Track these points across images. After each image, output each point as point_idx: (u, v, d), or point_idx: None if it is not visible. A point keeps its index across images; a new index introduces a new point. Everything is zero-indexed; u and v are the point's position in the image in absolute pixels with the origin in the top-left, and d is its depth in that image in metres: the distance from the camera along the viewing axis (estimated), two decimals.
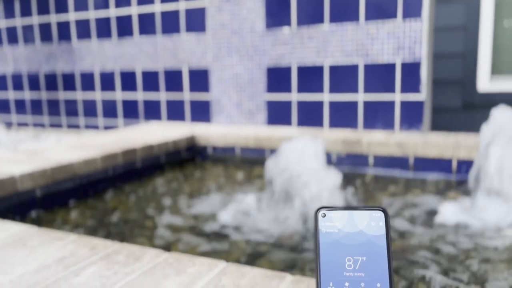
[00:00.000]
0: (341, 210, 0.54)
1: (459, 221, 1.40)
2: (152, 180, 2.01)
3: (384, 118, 2.26)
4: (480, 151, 1.52)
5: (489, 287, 1.01)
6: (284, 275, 0.75)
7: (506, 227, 1.34)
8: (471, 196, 1.55)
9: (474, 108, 2.23)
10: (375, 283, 0.51)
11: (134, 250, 0.87)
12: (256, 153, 2.27)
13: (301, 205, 1.45)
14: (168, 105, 2.84)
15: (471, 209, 1.47)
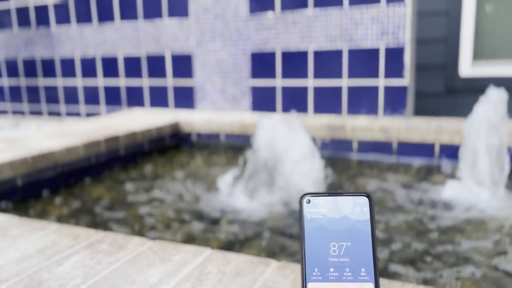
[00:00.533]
0: (325, 196, 0.54)
1: (439, 202, 1.42)
2: (136, 168, 1.99)
3: (368, 103, 2.26)
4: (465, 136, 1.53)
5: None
6: (270, 261, 0.75)
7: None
8: (453, 179, 1.58)
9: (456, 93, 2.25)
10: (359, 268, 0.52)
11: (117, 239, 0.86)
12: (241, 140, 2.26)
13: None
14: (151, 91, 2.80)
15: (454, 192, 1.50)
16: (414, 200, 1.49)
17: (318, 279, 0.52)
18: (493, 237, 1.19)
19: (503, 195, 1.45)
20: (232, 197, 1.52)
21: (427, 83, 2.30)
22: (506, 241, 1.16)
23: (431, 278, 0.99)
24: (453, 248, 1.13)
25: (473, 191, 1.47)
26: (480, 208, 1.39)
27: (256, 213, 1.40)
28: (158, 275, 0.72)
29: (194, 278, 0.70)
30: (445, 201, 1.45)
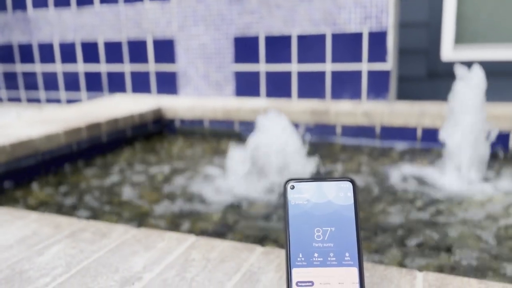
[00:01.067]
0: (309, 181, 0.54)
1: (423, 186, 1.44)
2: (118, 155, 1.96)
3: (351, 88, 2.27)
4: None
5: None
6: (254, 247, 0.75)
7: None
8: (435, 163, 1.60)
9: (438, 77, 2.27)
10: (343, 253, 0.52)
11: (100, 227, 0.85)
12: (225, 125, 2.25)
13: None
14: (133, 77, 2.76)
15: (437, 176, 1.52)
16: (395, 183, 1.51)
17: (303, 264, 0.52)
18: (469, 220, 1.21)
19: (482, 178, 1.48)
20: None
21: (409, 67, 2.31)
22: (483, 224, 1.19)
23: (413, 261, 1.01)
24: (430, 232, 1.15)
25: (453, 175, 1.49)
26: (459, 191, 1.41)
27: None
28: (142, 263, 0.71)
29: (178, 266, 0.70)
30: (426, 185, 1.47)
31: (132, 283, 0.65)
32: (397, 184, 1.50)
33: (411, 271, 0.66)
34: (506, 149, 1.82)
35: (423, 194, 1.40)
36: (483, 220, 1.21)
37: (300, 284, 0.51)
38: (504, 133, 1.81)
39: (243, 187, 1.46)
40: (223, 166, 1.65)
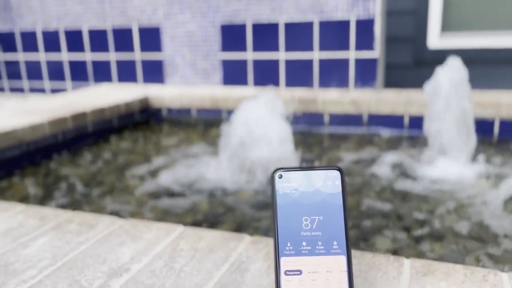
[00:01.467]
0: (297, 170, 0.54)
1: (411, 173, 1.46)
2: (105, 145, 1.94)
3: (339, 76, 2.27)
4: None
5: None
6: (242, 236, 0.75)
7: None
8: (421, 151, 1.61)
9: (425, 64, 2.27)
10: (331, 242, 0.52)
11: (87, 218, 0.84)
12: (212, 114, 2.24)
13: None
14: (119, 66, 2.72)
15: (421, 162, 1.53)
16: (383, 171, 1.52)
17: (291, 253, 0.52)
18: (452, 206, 1.23)
19: (468, 165, 1.49)
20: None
21: (396, 55, 2.31)
22: (466, 211, 1.20)
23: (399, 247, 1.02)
24: (414, 218, 1.16)
25: (439, 162, 1.51)
26: (445, 178, 1.42)
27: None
28: (129, 254, 0.71)
29: (166, 256, 0.70)
30: (413, 172, 1.48)
31: (120, 274, 0.65)
32: (380, 172, 1.51)
33: (398, 258, 0.67)
34: (491, 135, 1.84)
35: (405, 181, 1.41)
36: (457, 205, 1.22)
37: (289, 273, 0.51)
38: (489, 120, 1.83)
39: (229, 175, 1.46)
40: (212, 154, 1.65)
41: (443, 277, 0.61)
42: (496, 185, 1.34)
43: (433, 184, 1.38)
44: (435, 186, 1.37)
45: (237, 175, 1.46)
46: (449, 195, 1.30)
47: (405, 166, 1.54)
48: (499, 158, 1.61)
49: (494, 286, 0.59)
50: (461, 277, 0.62)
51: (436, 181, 1.40)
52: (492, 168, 1.49)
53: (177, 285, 0.62)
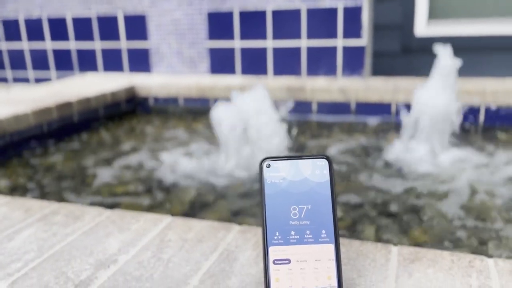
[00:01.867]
0: (285, 160, 0.54)
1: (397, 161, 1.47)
2: (91, 135, 1.92)
3: (327, 64, 2.26)
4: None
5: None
6: (231, 226, 0.75)
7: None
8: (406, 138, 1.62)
9: (412, 52, 2.28)
10: (320, 230, 0.52)
11: (73, 210, 0.83)
12: (199, 103, 2.22)
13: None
14: (104, 54, 2.68)
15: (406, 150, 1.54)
16: (369, 160, 1.52)
17: (280, 243, 0.52)
18: (437, 194, 1.24)
19: (451, 154, 1.51)
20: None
21: (383, 43, 2.31)
22: (449, 201, 1.22)
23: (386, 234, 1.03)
24: (397, 206, 1.17)
25: (422, 151, 1.51)
26: (428, 167, 1.44)
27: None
28: (117, 245, 0.70)
29: (154, 247, 0.69)
30: (396, 161, 1.49)
31: (107, 265, 0.64)
32: (366, 159, 1.51)
33: (386, 246, 0.67)
34: (476, 122, 1.86)
35: (390, 168, 1.42)
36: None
37: (277, 262, 0.51)
38: (475, 107, 1.85)
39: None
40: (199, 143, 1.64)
41: (430, 264, 0.62)
42: (473, 171, 1.36)
43: (409, 172, 1.40)
44: (410, 174, 1.38)
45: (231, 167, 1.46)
46: (421, 180, 1.31)
47: (383, 153, 1.55)
48: (482, 145, 1.63)
49: (480, 271, 0.60)
50: (448, 263, 0.62)
51: (413, 169, 1.41)
52: (473, 155, 1.51)
53: (165, 276, 0.61)
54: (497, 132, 1.77)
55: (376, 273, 0.60)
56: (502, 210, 1.12)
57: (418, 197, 1.22)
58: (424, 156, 1.48)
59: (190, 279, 0.60)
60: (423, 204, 1.17)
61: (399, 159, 1.49)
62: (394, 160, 1.49)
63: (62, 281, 0.61)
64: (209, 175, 1.41)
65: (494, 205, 1.15)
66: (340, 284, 0.51)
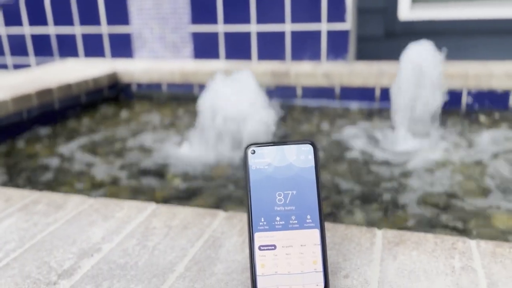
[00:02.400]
0: (270, 145, 0.53)
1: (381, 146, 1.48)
2: (72, 122, 1.89)
3: (311, 48, 2.25)
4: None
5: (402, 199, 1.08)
6: (217, 212, 0.75)
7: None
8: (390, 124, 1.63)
9: (396, 36, 2.28)
10: (305, 215, 0.52)
11: (55, 199, 0.82)
12: (183, 89, 2.19)
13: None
14: (85, 39, 2.62)
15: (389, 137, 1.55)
16: (353, 145, 1.53)
17: (265, 229, 0.52)
18: (421, 178, 1.25)
19: (434, 138, 1.52)
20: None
21: (367, 27, 2.31)
22: (432, 182, 1.23)
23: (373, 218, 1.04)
24: (383, 191, 1.19)
25: (405, 135, 1.53)
26: (412, 152, 1.45)
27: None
28: (100, 233, 0.69)
29: (139, 234, 0.68)
30: (381, 146, 1.50)
31: (91, 254, 0.64)
32: (348, 144, 1.52)
33: (371, 229, 0.68)
34: (458, 106, 1.88)
35: (371, 152, 1.43)
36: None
37: (263, 248, 0.51)
38: (457, 91, 1.87)
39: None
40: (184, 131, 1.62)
41: (415, 246, 0.63)
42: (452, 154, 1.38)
43: (390, 154, 1.41)
44: (392, 156, 1.39)
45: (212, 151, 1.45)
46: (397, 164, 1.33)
47: (370, 137, 1.56)
48: (463, 128, 1.65)
49: (463, 253, 0.61)
50: (431, 245, 0.63)
51: (394, 152, 1.42)
52: (454, 139, 1.53)
53: (150, 264, 0.61)
54: (479, 115, 1.80)
55: (361, 257, 0.61)
56: (479, 189, 1.14)
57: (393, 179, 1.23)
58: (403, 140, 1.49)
59: (175, 266, 0.60)
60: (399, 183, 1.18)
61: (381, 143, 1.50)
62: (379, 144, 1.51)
63: (45, 271, 0.60)
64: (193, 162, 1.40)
65: (473, 186, 1.17)
66: (325, 269, 0.51)
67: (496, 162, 1.32)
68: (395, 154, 1.42)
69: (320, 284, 0.50)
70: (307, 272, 0.51)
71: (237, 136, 1.46)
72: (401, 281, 0.55)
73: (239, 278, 0.57)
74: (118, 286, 0.56)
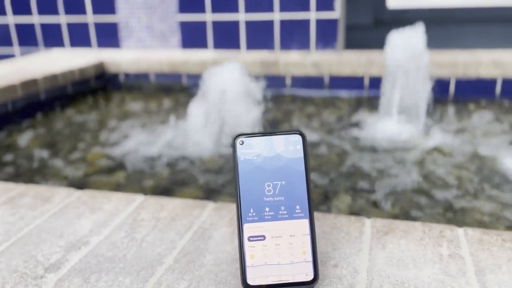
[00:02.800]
0: (259, 136, 0.53)
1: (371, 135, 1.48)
2: (59, 113, 1.86)
3: (300, 37, 2.24)
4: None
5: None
6: (206, 203, 0.74)
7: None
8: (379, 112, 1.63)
9: (385, 24, 2.28)
10: (294, 206, 0.52)
11: (42, 191, 0.81)
12: (171, 79, 2.17)
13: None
14: (70, 29, 2.57)
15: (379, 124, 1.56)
16: (342, 134, 1.53)
17: (254, 220, 0.51)
18: (408, 165, 1.26)
19: (422, 125, 1.53)
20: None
21: (356, 16, 2.30)
22: (420, 167, 1.24)
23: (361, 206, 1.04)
24: (372, 178, 1.19)
25: (395, 123, 1.53)
26: (399, 138, 1.46)
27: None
28: (88, 226, 0.68)
29: (127, 227, 0.68)
30: (369, 134, 1.51)
31: (79, 247, 0.63)
32: (340, 136, 1.52)
33: (359, 218, 0.68)
34: (446, 95, 1.89)
35: (360, 141, 1.44)
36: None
37: (252, 239, 0.51)
38: (445, 79, 1.88)
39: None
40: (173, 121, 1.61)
41: (403, 235, 0.63)
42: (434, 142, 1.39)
43: (387, 145, 1.42)
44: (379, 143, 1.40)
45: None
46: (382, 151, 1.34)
47: (359, 126, 1.56)
48: (450, 117, 1.66)
49: (451, 241, 0.61)
50: (419, 234, 0.63)
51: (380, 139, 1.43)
52: (441, 126, 1.54)
53: (139, 256, 0.60)
54: (467, 103, 1.81)
55: (350, 246, 0.61)
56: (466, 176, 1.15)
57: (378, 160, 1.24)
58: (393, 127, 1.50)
59: (164, 258, 0.60)
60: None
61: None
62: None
63: (32, 264, 0.59)
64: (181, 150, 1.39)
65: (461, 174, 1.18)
66: (314, 258, 0.51)
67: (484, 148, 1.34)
68: (383, 141, 1.42)
69: (309, 274, 0.50)
70: (296, 262, 0.51)
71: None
72: (390, 269, 0.56)
73: (229, 269, 0.57)
74: (106, 279, 0.56)
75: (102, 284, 0.55)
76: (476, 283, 0.53)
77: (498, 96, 1.84)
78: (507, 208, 1.01)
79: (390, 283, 0.53)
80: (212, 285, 0.54)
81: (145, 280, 0.55)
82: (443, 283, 0.53)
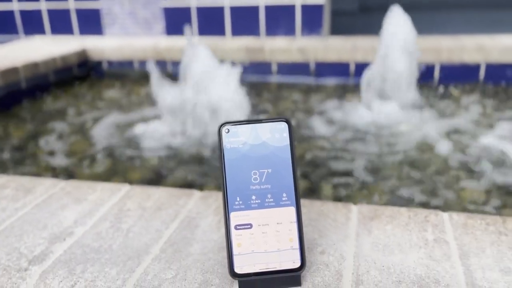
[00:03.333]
0: (244, 124, 0.52)
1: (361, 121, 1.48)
2: (40, 102, 1.82)
3: (286, 24, 2.22)
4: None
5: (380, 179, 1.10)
6: (192, 192, 0.74)
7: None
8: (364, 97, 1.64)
9: (370, 10, 2.28)
10: (281, 194, 0.52)
11: (24, 182, 0.79)
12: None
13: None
14: (51, 15, 2.51)
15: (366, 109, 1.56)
16: (328, 120, 1.54)
17: (241, 208, 0.51)
18: (395, 149, 1.27)
19: (411, 110, 1.54)
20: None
21: (342, 1, 2.29)
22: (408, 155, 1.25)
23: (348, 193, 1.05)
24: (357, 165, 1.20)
25: (382, 108, 1.54)
26: (388, 123, 1.47)
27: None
28: (73, 217, 0.67)
29: (112, 217, 0.67)
30: (355, 120, 1.51)
31: (63, 238, 0.62)
32: (326, 122, 1.53)
33: (346, 205, 0.68)
34: (431, 80, 1.90)
35: (346, 126, 1.45)
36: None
37: (239, 227, 0.51)
38: (430, 64, 1.88)
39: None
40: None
41: (389, 220, 0.64)
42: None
43: (378, 130, 1.42)
44: (379, 133, 1.41)
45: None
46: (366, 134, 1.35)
47: (347, 115, 1.57)
48: (436, 101, 1.67)
49: (436, 225, 0.62)
50: (405, 219, 0.64)
51: (381, 128, 1.44)
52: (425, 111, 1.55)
53: (125, 246, 0.60)
54: (451, 88, 1.82)
55: (337, 233, 0.61)
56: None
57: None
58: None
59: (151, 248, 0.59)
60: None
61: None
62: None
63: (15, 257, 0.58)
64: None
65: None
66: (301, 246, 0.51)
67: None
68: (370, 125, 1.43)
69: (296, 261, 0.51)
70: (283, 249, 0.51)
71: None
72: (376, 255, 0.56)
73: (216, 258, 0.56)
74: (92, 270, 0.55)
75: (88, 275, 0.54)
76: (461, 267, 0.53)
77: (481, 80, 1.86)
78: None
79: (376, 268, 0.53)
80: (199, 274, 0.53)
81: (131, 270, 0.55)
82: (428, 268, 0.53)
